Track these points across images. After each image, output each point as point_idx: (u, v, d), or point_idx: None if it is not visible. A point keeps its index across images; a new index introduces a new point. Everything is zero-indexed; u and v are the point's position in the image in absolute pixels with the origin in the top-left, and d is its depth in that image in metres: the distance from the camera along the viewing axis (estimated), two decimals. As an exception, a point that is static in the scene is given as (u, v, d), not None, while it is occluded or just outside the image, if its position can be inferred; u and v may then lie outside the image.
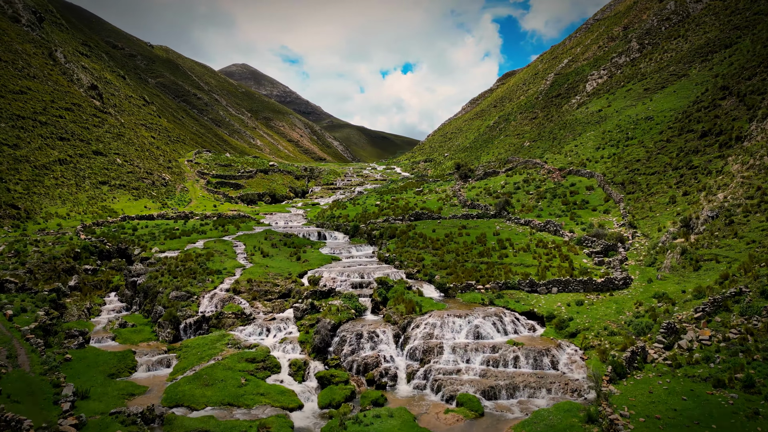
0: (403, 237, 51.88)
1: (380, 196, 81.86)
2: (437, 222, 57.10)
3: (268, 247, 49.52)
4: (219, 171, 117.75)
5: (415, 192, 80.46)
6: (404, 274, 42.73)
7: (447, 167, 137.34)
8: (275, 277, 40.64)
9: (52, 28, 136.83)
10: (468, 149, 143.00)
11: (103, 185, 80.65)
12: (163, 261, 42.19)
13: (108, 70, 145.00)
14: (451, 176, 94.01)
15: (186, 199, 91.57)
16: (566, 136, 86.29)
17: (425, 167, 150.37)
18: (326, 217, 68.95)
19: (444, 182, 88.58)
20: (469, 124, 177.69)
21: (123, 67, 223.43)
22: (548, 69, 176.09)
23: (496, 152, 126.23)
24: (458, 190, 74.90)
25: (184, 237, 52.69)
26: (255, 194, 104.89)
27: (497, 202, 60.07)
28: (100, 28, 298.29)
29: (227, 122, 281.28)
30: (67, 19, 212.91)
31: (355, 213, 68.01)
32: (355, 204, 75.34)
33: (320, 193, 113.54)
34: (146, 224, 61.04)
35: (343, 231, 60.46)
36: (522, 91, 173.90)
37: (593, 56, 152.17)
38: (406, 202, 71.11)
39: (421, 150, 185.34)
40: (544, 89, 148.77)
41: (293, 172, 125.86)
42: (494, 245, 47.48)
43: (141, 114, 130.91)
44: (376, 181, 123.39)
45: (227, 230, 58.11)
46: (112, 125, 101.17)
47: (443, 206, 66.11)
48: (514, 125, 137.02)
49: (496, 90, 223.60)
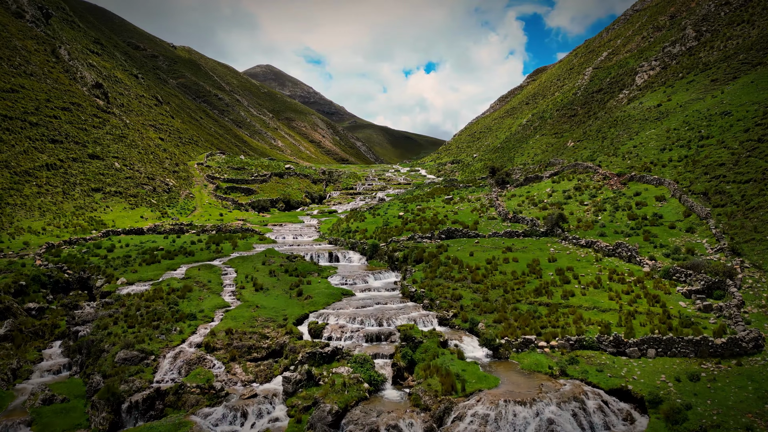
0: (432, 262, 41.14)
1: (404, 204, 71.23)
2: (474, 242, 46.13)
3: (264, 275, 39.38)
4: (231, 175, 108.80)
5: (444, 200, 69.55)
6: (436, 319, 32.02)
7: (476, 169, 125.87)
8: (265, 323, 30.36)
9: (62, 26, 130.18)
10: (499, 150, 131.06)
11: (96, 192, 72.01)
12: (122, 300, 32.33)
13: (120, 68, 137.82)
14: (484, 181, 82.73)
15: (190, 206, 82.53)
16: (620, 135, 74.06)
17: (452, 169, 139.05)
18: (341, 231, 58.65)
19: (476, 188, 77.40)
20: (499, 122, 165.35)
21: (142, 67, 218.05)
22: (585, 63, 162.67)
23: (531, 153, 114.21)
24: (495, 199, 63.71)
25: (166, 261, 42.96)
26: (267, 201, 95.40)
27: (547, 216, 48.71)
28: (123, 30, 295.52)
29: (248, 123, 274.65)
30: (86, 19, 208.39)
31: (375, 226, 57.50)
32: (375, 214, 64.87)
33: (338, 199, 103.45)
34: (129, 241, 51.66)
35: (360, 251, 49.99)
36: (556, 87, 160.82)
37: (637, 48, 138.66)
38: (435, 213, 60.27)
39: (447, 151, 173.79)
40: (582, 84, 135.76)
41: (310, 175, 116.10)
42: (553, 277, 36.33)
43: (151, 114, 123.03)
44: (399, 185, 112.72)
45: (221, 250, 48.26)
46: (114, 126, 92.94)
47: (479, 219, 55.02)
48: (550, 123, 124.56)
49: (527, 87, 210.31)
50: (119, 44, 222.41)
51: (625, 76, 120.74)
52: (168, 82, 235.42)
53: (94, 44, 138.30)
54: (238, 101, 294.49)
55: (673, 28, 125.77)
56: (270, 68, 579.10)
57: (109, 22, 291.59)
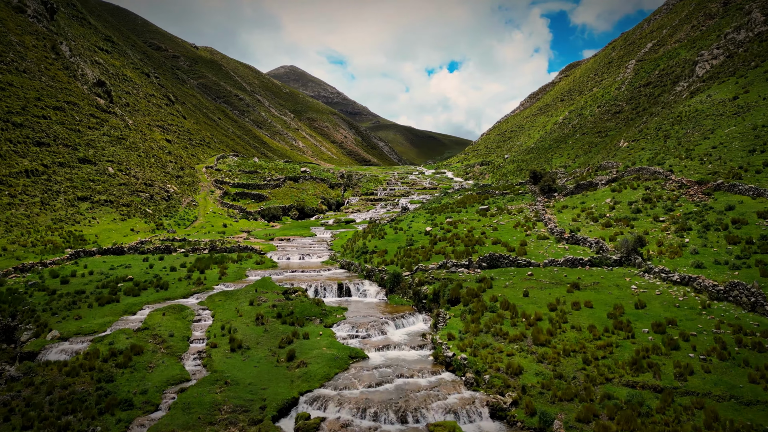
0: (474, 305, 30.44)
1: (431, 215, 60.53)
2: (527, 273, 35.14)
3: (248, 323, 29.24)
4: (242, 179, 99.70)
5: (479, 211, 58.61)
6: (487, 408, 21.30)
7: (509, 171, 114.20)
8: (232, 417, 20.15)
9: (70, 22, 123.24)
10: (534, 150, 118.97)
11: (83, 202, 63.30)
12: (37, 373, 22.54)
13: (130, 67, 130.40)
14: (524, 187, 71.38)
15: (191, 216, 73.37)
16: (688, 134, 61.81)
17: (481, 171, 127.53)
18: (356, 251, 48.26)
19: (515, 196, 66.18)
20: (531, 120, 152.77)
21: (160, 67, 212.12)
22: (625, 56, 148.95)
23: (571, 154, 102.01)
24: (542, 211, 52.47)
25: (127, 299, 33.22)
26: (279, 208, 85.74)
27: (621, 240, 37.35)
28: (145, 31, 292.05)
29: (269, 123, 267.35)
30: (104, 18, 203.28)
31: (396, 246, 46.95)
32: (397, 229, 54.31)
33: (357, 206, 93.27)
34: (100, 266, 42.18)
35: (377, 280, 39.55)
36: (594, 83, 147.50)
37: (687, 37, 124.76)
38: (469, 229, 49.40)
39: (475, 151, 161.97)
40: (626, 78, 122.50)
41: (327, 179, 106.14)
42: (651, 338, 25.20)
43: (160, 114, 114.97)
44: (424, 190, 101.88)
45: (204, 280, 38.37)
46: (113, 127, 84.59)
47: (527, 240, 43.92)
48: (591, 121, 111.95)
49: (559, 83, 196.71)
50: (138, 44, 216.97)
51: (677, 67, 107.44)
52: (187, 82, 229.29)
53: (104, 42, 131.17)
54: (259, 101, 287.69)
55: (730, 14, 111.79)
56: (293, 69, 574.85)
57: (131, 23, 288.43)
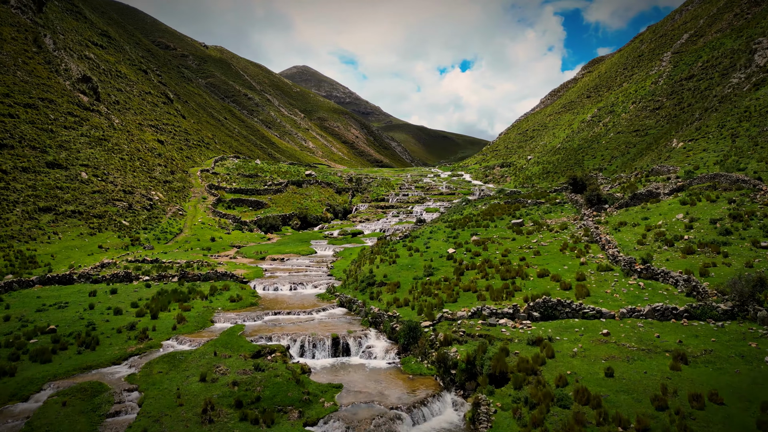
0: (532, 392, 19.82)
1: (452, 230, 49.97)
2: (601, 332, 24.34)
3: (187, 421, 19.04)
4: (241, 183, 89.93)
5: (512, 226, 47.90)
6: None
7: (533, 174, 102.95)
8: None
9: (63, 16, 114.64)
10: (561, 151, 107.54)
11: (45, 213, 53.79)
12: None
13: (126, 63, 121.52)
14: (559, 194, 60.45)
15: (175, 228, 63.60)
16: (766, 132, 50.47)
17: (502, 174, 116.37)
18: (360, 280, 37.84)
19: (552, 206, 55.30)
20: (555, 119, 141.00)
21: (165, 65, 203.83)
22: (658, 49, 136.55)
23: (606, 155, 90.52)
24: (593, 229, 41.56)
25: (31, 368, 22.98)
26: (278, 217, 75.67)
27: (730, 281, 26.32)
28: (154, 29, 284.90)
29: (278, 123, 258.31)
30: (107, 14, 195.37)
31: (412, 276, 36.49)
32: (412, 249, 43.84)
33: (366, 214, 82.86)
34: (24, 304, 32.24)
35: (387, 331, 29.13)
36: (624, 77, 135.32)
37: (729, 26, 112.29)
38: (505, 253, 38.74)
39: (494, 151, 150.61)
40: (664, 71, 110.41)
41: (334, 183, 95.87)
42: None
43: (155, 113, 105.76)
44: (441, 195, 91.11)
45: (153, 330, 28.24)
46: (94, 126, 75.27)
47: (585, 271, 33.09)
48: (626, 118, 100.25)
49: (582, 79, 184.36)
50: (143, 41, 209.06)
51: (723, 58, 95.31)
52: (193, 81, 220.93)
53: (99, 37, 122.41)
54: (269, 101, 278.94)
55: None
56: (306, 69, 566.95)
57: (140, 22, 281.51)
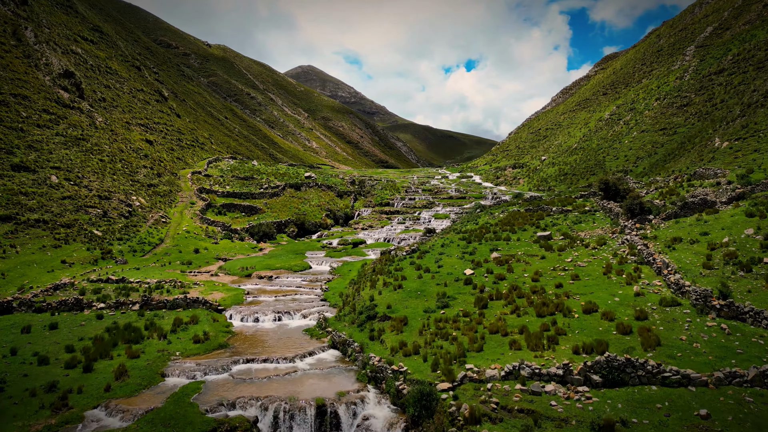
0: None
1: (468, 243, 42.73)
2: (697, 413, 17.00)
3: None
4: (235, 186, 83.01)
5: (539, 240, 40.58)
6: None
7: (549, 176, 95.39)
8: None
9: (52, 9, 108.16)
10: (578, 151, 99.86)
11: (4, 223, 47.03)
12: None
13: (119, 59, 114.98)
14: (587, 201, 53.02)
15: (155, 238, 56.67)
16: (836, 129, 42.82)
17: (515, 176, 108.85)
18: (359, 311, 30.62)
19: (581, 214, 47.89)
20: (570, 117, 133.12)
21: (164, 63, 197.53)
22: (678, 43, 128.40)
23: (630, 156, 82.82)
24: (640, 245, 34.10)
25: None
26: (273, 224, 68.62)
27: None
28: (156, 28, 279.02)
29: (281, 123, 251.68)
30: (106, 12, 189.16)
31: (422, 308, 29.29)
32: (422, 268, 36.61)
33: (369, 220, 75.67)
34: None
35: (391, 394, 21.85)
36: (642, 73, 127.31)
37: (759, 17, 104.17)
38: (535, 276, 31.44)
39: (504, 152, 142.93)
40: (690, 66, 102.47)
41: (335, 186, 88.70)
42: None
43: (146, 111, 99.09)
44: (450, 200, 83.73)
45: (80, 391, 21.21)
46: (73, 125, 68.57)
47: (643, 305, 25.65)
48: (651, 116, 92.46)
49: (595, 76, 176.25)
50: (142, 39, 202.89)
51: (757, 51, 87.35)
52: (194, 80, 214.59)
53: (90, 31, 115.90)
54: (272, 100, 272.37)
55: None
56: (311, 68, 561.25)
57: (142, 21, 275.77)
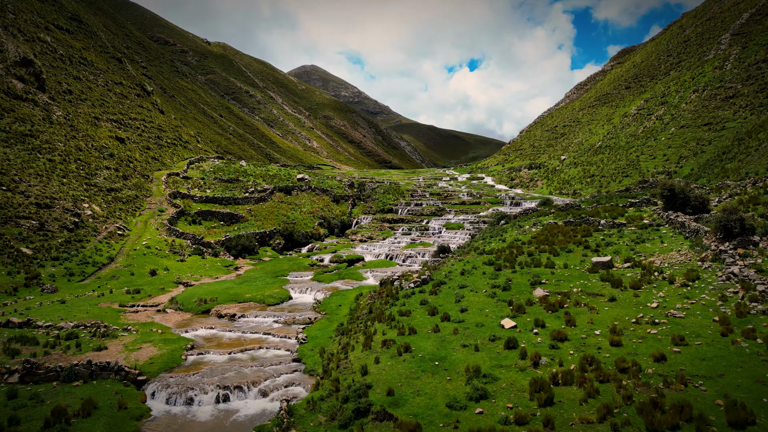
0: None
1: (496, 270, 31.60)
2: None
3: None
4: (216, 190, 72.11)
5: (594, 268, 29.33)
6: None
7: (572, 177, 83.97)
8: None
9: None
10: (604, 150, 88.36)
11: None
12: None
13: (97, 50, 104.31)
14: (640, 210, 41.73)
15: (104, 256, 45.67)
16: None
17: (532, 177, 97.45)
18: (344, 399, 19.47)
19: (638, 229, 36.61)
20: (590, 113, 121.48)
21: (157, 59, 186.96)
22: (707, 33, 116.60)
23: (671, 154, 71.26)
24: (755, 280, 23.02)
25: None
26: (254, 235, 57.51)
27: None
28: (154, 25, 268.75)
29: (281, 122, 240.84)
30: (96, 5, 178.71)
31: (444, 399, 18.17)
32: (437, 315, 25.41)
33: (368, 230, 64.63)
34: None
35: None
36: (669, 65, 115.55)
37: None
38: (614, 339, 20.10)
39: (517, 151, 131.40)
40: (727, 55, 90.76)
41: (331, 190, 77.54)
42: None
43: (122, 106, 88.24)
44: (463, 206, 72.46)
45: None
46: (20, 119, 57.75)
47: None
48: (690, 109, 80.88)
49: (612, 71, 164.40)
50: (134, 33, 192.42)
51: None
52: (189, 77, 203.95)
53: (67, 20, 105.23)
54: (272, 99, 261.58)
55: None
56: (314, 68, 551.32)
57: (139, 17, 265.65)
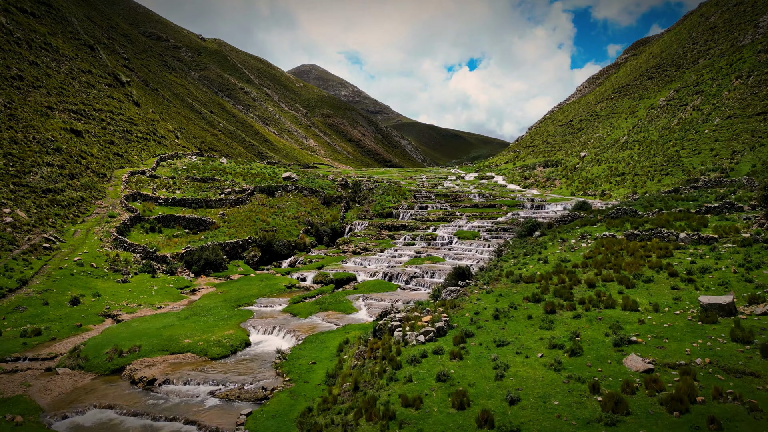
0: None
1: (546, 313, 20.81)
2: None
3: None
4: (188, 191, 61.38)
5: (705, 312, 18.52)
6: None
7: (596, 176, 73.09)
8: None
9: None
10: (633, 145, 77.43)
11: None
12: None
13: (66, 36, 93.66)
14: (724, 217, 30.92)
15: (13, 279, 34.93)
16: None
17: (548, 176, 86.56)
18: None
19: (736, 245, 25.84)
20: (609, 106, 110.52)
21: (144, 52, 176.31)
22: (736, 18, 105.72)
23: (720, 149, 60.26)
24: None
25: None
26: (223, 247, 46.72)
27: None
28: (147, 20, 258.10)
29: (277, 120, 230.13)
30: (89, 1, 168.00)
31: None
32: (465, 398, 14.88)
33: (363, 239, 53.88)
34: None
35: None
36: (697, 53, 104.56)
37: None
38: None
39: (529, 147, 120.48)
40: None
41: (321, 191, 66.77)
42: None
43: (84, 96, 77.51)
44: (476, 209, 61.69)
45: None
46: (-63, 105, 47.06)
47: None
48: (735, 98, 70.00)
49: (626, 63, 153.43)
50: (120, 26, 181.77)
51: None
52: (178, 71, 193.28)
53: (35, 4, 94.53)
54: (268, 96, 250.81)
55: None
56: (314, 67, 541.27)
57: (132, 12, 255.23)
